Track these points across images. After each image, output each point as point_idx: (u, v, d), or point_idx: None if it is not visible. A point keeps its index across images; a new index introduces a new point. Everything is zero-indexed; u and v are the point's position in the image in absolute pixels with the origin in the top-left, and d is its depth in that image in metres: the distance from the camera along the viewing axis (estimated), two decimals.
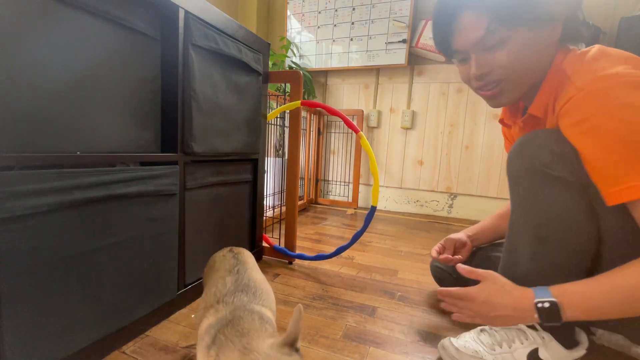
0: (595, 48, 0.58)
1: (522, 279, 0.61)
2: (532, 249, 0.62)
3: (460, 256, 0.92)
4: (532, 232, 0.61)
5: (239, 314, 0.45)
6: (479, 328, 0.67)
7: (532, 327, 0.61)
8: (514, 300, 0.58)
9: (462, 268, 0.67)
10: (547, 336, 0.60)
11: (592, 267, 0.60)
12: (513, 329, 0.62)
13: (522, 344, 0.60)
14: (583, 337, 0.63)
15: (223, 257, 0.62)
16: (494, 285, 0.61)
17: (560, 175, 0.57)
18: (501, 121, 0.84)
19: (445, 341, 0.69)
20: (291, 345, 0.39)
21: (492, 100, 0.66)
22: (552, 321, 0.55)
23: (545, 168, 0.57)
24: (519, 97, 0.66)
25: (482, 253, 0.94)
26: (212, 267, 0.61)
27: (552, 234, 0.59)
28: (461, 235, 0.95)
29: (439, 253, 0.94)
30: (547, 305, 0.54)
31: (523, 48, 0.58)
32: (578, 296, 0.54)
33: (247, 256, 0.64)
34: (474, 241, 0.95)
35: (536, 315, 0.56)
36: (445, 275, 0.98)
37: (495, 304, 0.60)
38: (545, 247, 0.60)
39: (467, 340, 0.66)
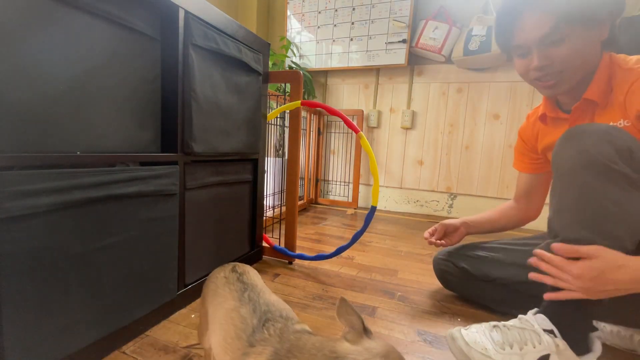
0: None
1: (564, 230, 0.60)
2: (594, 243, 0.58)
3: (442, 241, 0.98)
4: (592, 228, 0.57)
5: (290, 340, 0.41)
6: (492, 323, 0.65)
7: (550, 332, 0.59)
8: (633, 271, 0.54)
9: (558, 247, 0.59)
10: (563, 344, 0.57)
11: None
12: (528, 329, 0.60)
13: (534, 347, 0.58)
14: (597, 345, 0.60)
15: (226, 280, 0.53)
16: (604, 263, 0.55)
17: (624, 171, 0.55)
18: (542, 116, 0.83)
19: (455, 332, 0.66)
20: (365, 330, 0.39)
21: (550, 90, 0.72)
22: None
23: (610, 162, 0.56)
24: (573, 86, 0.71)
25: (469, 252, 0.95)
26: (215, 291, 0.52)
27: (617, 229, 0.56)
28: (456, 221, 1.00)
29: (431, 235, 1.00)
30: None
31: (579, 44, 0.65)
32: None
33: (254, 276, 0.56)
34: (469, 228, 0.99)
35: None
36: (447, 274, 0.99)
37: (609, 280, 0.54)
38: (610, 242, 0.56)
39: (477, 335, 0.64)
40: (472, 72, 2.08)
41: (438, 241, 0.98)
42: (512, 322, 0.64)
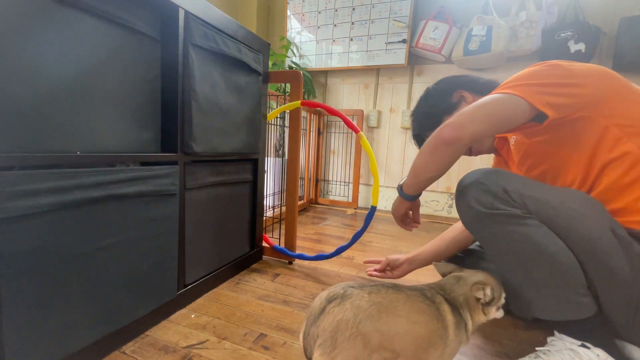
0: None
1: (544, 313, 0.63)
2: (531, 285, 0.63)
3: (382, 273, 1.02)
4: (520, 272, 0.63)
5: (434, 287, 0.60)
6: (534, 354, 0.64)
7: (584, 346, 0.59)
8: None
9: None
10: (602, 353, 0.58)
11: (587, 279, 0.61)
12: (565, 351, 0.60)
13: None
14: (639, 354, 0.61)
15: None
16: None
17: (508, 211, 0.61)
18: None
19: None
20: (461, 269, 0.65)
21: (480, 152, 0.87)
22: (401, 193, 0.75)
23: (492, 210, 0.61)
24: (489, 142, 0.86)
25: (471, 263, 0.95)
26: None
27: (536, 264, 0.61)
28: (401, 256, 1.01)
29: (376, 269, 1.04)
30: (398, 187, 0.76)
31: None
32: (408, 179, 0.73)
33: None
34: (412, 264, 0.99)
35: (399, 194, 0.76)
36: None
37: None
38: (538, 276, 0.61)
39: None
40: (472, 72, 2.07)
41: (375, 272, 1.03)
42: (547, 346, 0.64)
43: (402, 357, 0.48)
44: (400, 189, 0.77)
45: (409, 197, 0.76)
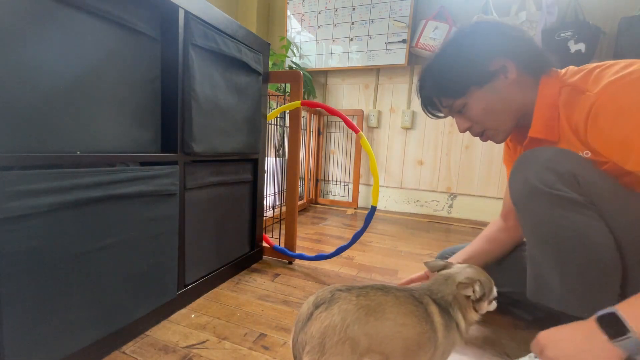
0: (590, 66, 0.60)
1: (559, 304, 0.59)
2: (559, 274, 0.58)
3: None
4: (553, 258, 0.59)
5: (423, 289, 0.59)
6: (534, 354, 0.60)
7: None
8: (570, 342, 0.50)
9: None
10: None
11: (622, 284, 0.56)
12: None
13: None
14: None
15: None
16: (553, 349, 0.52)
17: (568, 195, 0.55)
18: (507, 144, 0.84)
19: None
20: (447, 265, 0.63)
21: (491, 140, 0.72)
22: (619, 334, 0.46)
23: (552, 189, 0.56)
24: (511, 131, 0.71)
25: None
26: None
27: (574, 256, 0.56)
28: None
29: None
30: (606, 316, 0.48)
31: (485, 101, 0.66)
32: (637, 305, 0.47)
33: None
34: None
35: (605, 337, 0.47)
36: None
37: (572, 356, 0.50)
38: (570, 268, 0.57)
39: None
40: None
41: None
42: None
43: None
44: (613, 320, 0.48)
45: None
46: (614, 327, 0.47)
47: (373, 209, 1.08)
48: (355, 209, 2.37)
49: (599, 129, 0.54)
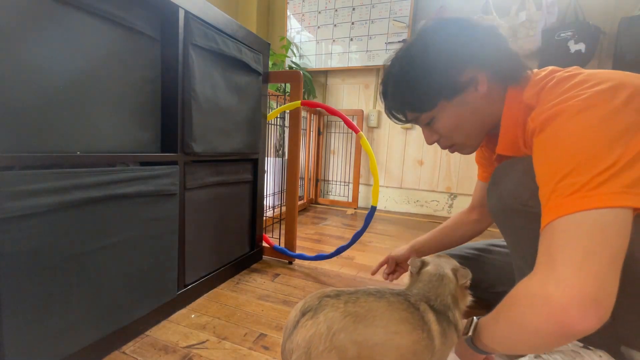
0: (547, 72, 0.55)
1: None
2: None
3: (395, 274, 0.95)
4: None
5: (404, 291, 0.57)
6: (533, 354, 0.62)
7: (586, 348, 0.58)
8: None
9: None
10: (605, 355, 0.55)
11: None
12: (568, 351, 0.59)
13: None
14: None
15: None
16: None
17: (540, 211, 0.51)
18: (480, 148, 0.83)
19: None
20: (424, 262, 0.62)
21: (460, 153, 0.69)
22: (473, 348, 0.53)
23: (526, 207, 0.55)
24: (480, 143, 0.67)
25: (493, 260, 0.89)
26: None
27: None
28: (403, 250, 0.94)
29: (379, 268, 0.96)
30: (470, 325, 0.53)
31: (454, 116, 0.61)
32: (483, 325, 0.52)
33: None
34: (418, 254, 0.92)
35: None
36: None
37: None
38: None
39: None
40: None
41: (391, 275, 0.95)
42: None
43: None
44: (471, 342, 0.54)
45: (486, 353, 0.55)
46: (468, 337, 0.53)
47: (373, 209, 1.08)
48: (355, 209, 2.37)
49: (534, 157, 0.51)
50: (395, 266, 0.95)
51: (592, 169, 0.41)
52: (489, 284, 0.88)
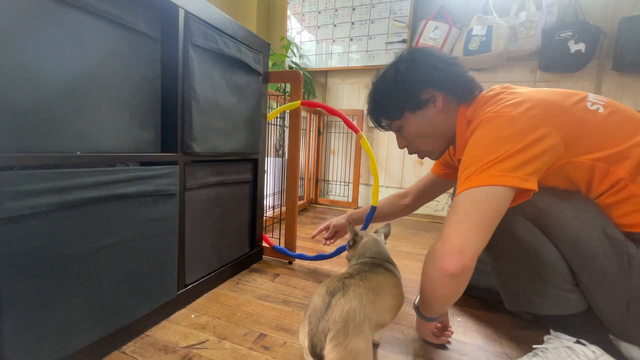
0: (490, 91, 0.70)
1: (531, 307, 0.67)
2: (518, 277, 0.67)
3: (332, 240, 1.11)
4: (508, 264, 0.68)
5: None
6: (532, 352, 0.66)
7: (580, 343, 0.60)
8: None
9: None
10: (598, 350, 0.59)
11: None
12: (561, 348, 0.62)
13: None
14: (636, 353, 0.62)
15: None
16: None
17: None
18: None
19: None
20: (357, 234, 0.80)
21: (429, 158, 0.82)
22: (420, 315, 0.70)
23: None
24: (443, 150, 0.80)
25: None
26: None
27: (521, 256, 0.65)
28: (342, 220, 1.09)
29: (326, 237, 1.12)
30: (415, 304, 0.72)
31: (418, 126, 0.75)
32: None
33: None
34: (354, 221, 1.08)
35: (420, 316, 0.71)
36: None
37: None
38: (524, 268, 0.65)
39: None
40: (472, 72, 2.07)
41: (329, 240, 1.10)
42: (544, 345, 0.65)
43: (387, 325, 0.58)
44: (418, 311, 0.70)
45: (432, 319, 0.69)
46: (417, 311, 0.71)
47: (373, 209, 1.08)
48: (355, 209, 2.37)
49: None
50: (335, 233, 1.11)
51: (482, 160, 0.57)
52: (488, 284, 0.91)
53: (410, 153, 0.82)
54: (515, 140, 0.56)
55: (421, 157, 0.82)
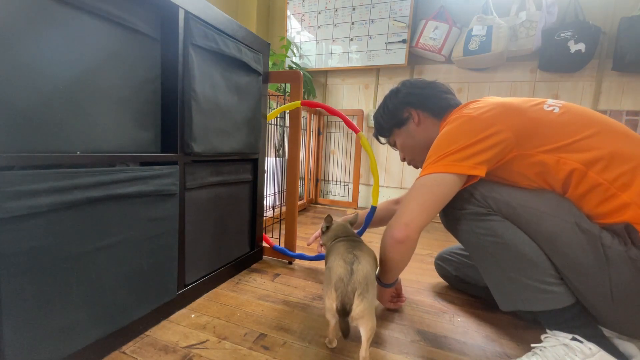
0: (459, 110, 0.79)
1: (520, 304, 0.68)
2: (504, 275, 0.69)
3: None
4: (493, 262, 0.70)
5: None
6: (531, 352, 0.66)
7: (576, 339, 0.61)
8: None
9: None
10: (594, 347, 0.60)
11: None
12: (559, 346, 0.62)
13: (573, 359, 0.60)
14: (633, 350, 0.62)
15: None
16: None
17: (472, 210, 0.70)
18: None
19: None
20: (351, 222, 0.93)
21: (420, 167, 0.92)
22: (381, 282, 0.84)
23: (461, 210, 0.72)
24: None
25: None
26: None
27: (504, 253, 0.67)
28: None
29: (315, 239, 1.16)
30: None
31: (403, 140, 0.93)
32: None
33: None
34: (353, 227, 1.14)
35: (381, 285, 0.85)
36: (446, 272, 1.04)
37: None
38: (508, 265, 0.67)
39: None
40: (472, 72, 2.08)
41: (324, 247, 1.11)
42: (542, 343, 0.66)
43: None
44: (379, 280, 0.84)
45: (390, 285, 0.84)
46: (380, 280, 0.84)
47: (373, 209, 1.08)
48: (355, 209, 2.37)
49: None
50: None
51: (439, 152, 0.69)
52: (485, 283, 0.91)
53: (408, 164, 0.98)
54: (470, 135, 0.67)
55: (415, 166, 0.95)
